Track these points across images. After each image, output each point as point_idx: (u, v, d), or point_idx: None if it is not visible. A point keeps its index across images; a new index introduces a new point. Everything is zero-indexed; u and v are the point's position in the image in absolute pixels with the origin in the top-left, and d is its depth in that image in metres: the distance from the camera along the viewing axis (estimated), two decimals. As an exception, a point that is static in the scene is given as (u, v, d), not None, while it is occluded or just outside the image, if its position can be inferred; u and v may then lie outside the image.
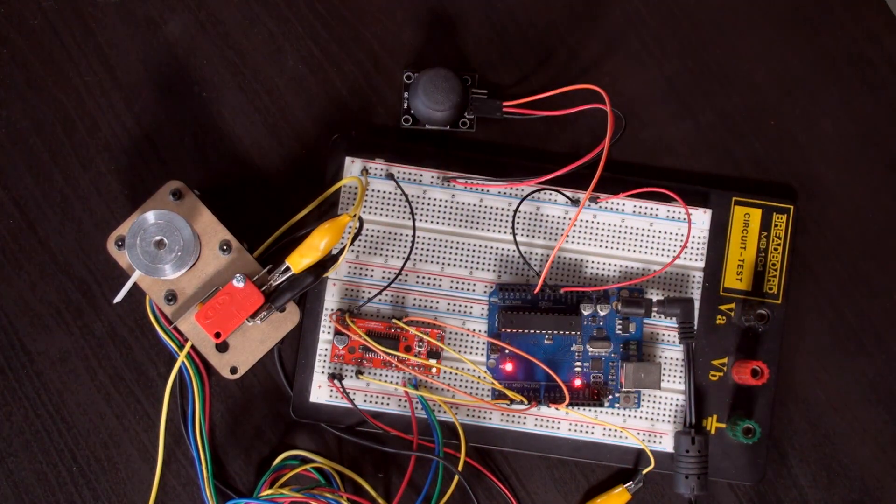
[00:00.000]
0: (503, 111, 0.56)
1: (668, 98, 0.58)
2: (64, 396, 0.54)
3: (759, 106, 0.58)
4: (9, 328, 0.55)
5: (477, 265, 0.55)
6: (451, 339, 0.55)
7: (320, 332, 0.54)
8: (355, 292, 0.55)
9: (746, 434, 0.54)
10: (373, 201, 0.55)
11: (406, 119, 0.56)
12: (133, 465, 0.55)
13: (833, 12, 0.59)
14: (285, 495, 0.50)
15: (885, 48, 0.59)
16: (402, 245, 0.55)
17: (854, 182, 0.58)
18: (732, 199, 0.56)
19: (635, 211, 0.56)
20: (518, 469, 0.56)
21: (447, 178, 0.55)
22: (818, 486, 0.57)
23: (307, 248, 0.52)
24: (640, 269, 0.56)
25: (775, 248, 0.57)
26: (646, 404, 0.55)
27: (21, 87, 0.55)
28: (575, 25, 0.58)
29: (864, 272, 0.58)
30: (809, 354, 0.57)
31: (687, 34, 0.58)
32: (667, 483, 0.56)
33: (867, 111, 0.59)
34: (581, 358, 0.55)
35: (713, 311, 0.56)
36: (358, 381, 0.54)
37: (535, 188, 0.55)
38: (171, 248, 0.52)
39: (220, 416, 0.55)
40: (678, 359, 0.56)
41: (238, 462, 0.55)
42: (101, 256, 0.54)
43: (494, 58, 0.58)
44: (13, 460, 0.54)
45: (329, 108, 0.57)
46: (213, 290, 0.53)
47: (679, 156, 0.58)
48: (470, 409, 0.55)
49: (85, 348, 0.55)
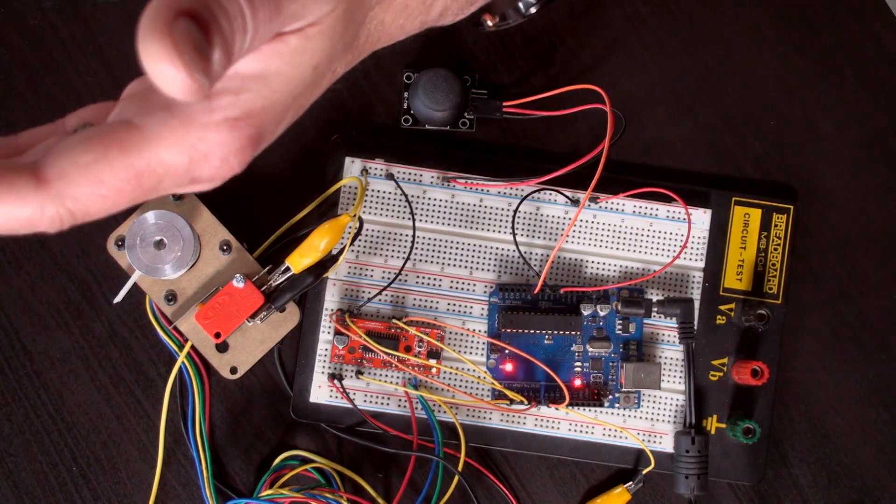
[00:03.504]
0: (503, 111, 0.56)
1: (668, 98, 0.58)
2: (64, 396, 0.54)
3: (759, 106, 0.58)
4: (9, 328, 0.55)
5: (477, 265, 0.55)
6: (451, 339, 0.55)
7: (320, 332, 0.54)
8: (355, 292, 0.55)
9: (746, 434, 0.54)
10: (373, 201, 0.55)
11: (406, 119, 0.56)
12: (133, 465, 0.55)
13: (833, 12, 0.59)
14: (285, 495, 0.50)
15: (885, 48, 0.59)
16: (402, 245, 0.55)
17: (854, 182, 0.58)
18: (732, 199, 0.57)
19: (635, 211, 0.56)
20: (518, 469, 0.56)
21: (447, 178, 0.55)
22: (818, 486, 0.57)
23: (307, 248, 0.52)
24: (640, 269, 0.56)
25: (775, 248, 0.57)
26: (646, 404, 0.55)
27: (21, 87, 0.55)
28: (575, 25, 0.58)
29: (864, 272, 0.58)
30: (809, 354, 0.57)
31: (687, 34, 0.58)
32: (667, 483, 0.56)
33: (867, 111, 0.59)
34: (581, 358, 0.55)
35: (713, 311, 0.56)
36: (358, 381, 0.54)
37: (535, 188, 0.55)
38: (171, 248, 0.52)
39: (220, 416, 0.55)
40: (678, 359, 0.56)
41: (238, 462, 0.55)
42: (101, 256, 0.54)
43: (494, 58, 0.57)
44: (13, 460, 0.54)
45: (329, 108, 0.57)
46: (213, 290, 0.53)
47: (679, 156, 0.58)
48: (470, 409, 0.55)
49: (85, 348, 0.55)
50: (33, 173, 0.27)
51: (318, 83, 0.33)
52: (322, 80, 0.33)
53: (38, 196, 0.27)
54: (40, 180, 0.27)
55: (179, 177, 0.29)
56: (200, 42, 0.25)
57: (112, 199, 0.28)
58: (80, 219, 0.28)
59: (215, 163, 0.29)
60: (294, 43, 0.30)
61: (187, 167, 0.29)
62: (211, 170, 0.29)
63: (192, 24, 0.25)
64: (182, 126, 0.28)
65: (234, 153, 0.30)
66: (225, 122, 0.29)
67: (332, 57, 0.32)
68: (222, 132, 0.29)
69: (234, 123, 0.29)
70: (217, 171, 0.30)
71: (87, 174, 0.27)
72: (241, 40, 0.27)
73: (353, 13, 0.32)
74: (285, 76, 0.30)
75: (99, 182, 0.27)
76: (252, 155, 0.31)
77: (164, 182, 0.29)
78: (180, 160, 0.29)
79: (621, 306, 0.54)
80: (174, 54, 0.24)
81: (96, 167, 0.27)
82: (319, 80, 0.33)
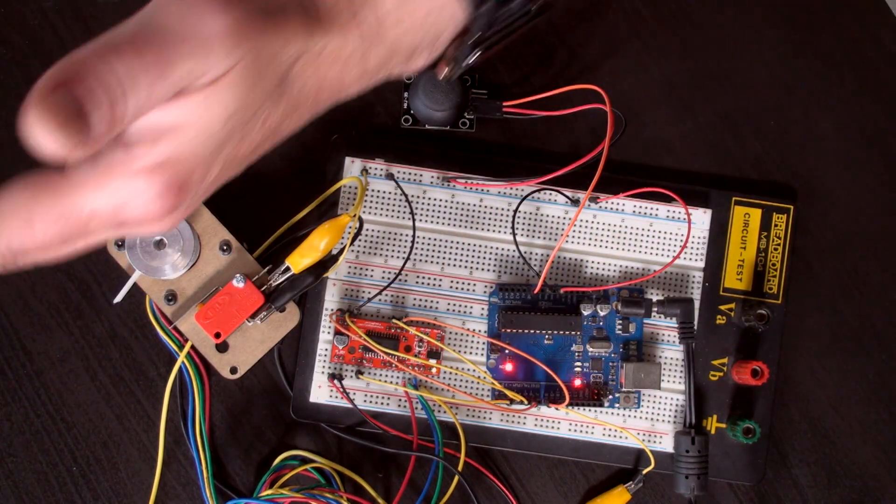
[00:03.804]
0: (503, 111, 0.56)
1: (668, 98, 0.58)
2: (64, 396, 0.54)
3: (759, 106, 0.58)
4: (9, 328, 0.55)
5: (477, 265, 0.55)
6: (451, 339, 0.55)
7: (320, 332, 0.54)
8: (355, 292, 0.55)
9: (746, 434, 0.54)
10: (373, 201, 0.55)
11: (406, 119, 0.56)
12: (133, 465, 0.55)
13: (833, 12, 0.59)
14: (285, 495, 0.50)
15: (885, 48, 0.59)
16: (402, 245, 0.55)
17: (854, 182, 0.58)
18: (732, 199, 0.56)
19: (635, 211, 0.56)
20: (518, 469, 0.56)
21: (447, 178, 0.55)
22: (818, 486, 0.57)
23: (307, 248, 0.52)
24: (640, 269, 0.56)
25: (775, 248, 0.57)
26: (646, 404, 0.55)
27: (21, 88, 0.55)
28: (575, 25, 0.58)
29: (864, 272, 0.58)
30: (809, 354, 0.57)
31: (687, 34, 0.58)
32: (667, 483, 0.56)
33: (867, 111, 0.59)
34: (581, 358, 0.55)
35: (713, 311, 0.56)
36: (358, 381, 0.54)
37: (535, 188, 0.55)
38: (171, 248, 0.52)
39: (220, 416, 0.55)
40: (678, 359, 0.56)
41: (238, 462, 0.55)
42: (101, 256, 0.54)
43: (494, 58, 0.57)
44: (13, 460, 0.54)
45: (329, 109, 0.57)
46: (213, 290, 0.53)
47: (679, 156, 0.58)
48: (470, 409, 0.55)
49: (85, 348, 0.55)
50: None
51: (245, 133, 0.35)
52: (249, 130, 0.35)
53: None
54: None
55: (105, 219, 0.32)
56: (72, 109, 0.28)
57: (43, 237, 0.31)
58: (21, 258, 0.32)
59: (137, 208, 0.32)
60: (198, 97, 0.32)
61: (111, 211, 0.32)
62: (135, 214, 0.32)
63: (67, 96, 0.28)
64: (103, 174, 0.32)
65: (154, 199, 0.32)
66: (142, 170, 0.32)
67: (248, 106, 0.34)
68: (140, 179, 0.32)
69: (151, 171, 0.32)
70: (142, 216, 0.33)
71: (18, 212, 0.31)
72: (124, 106, 0.29)
73: (265, 63, 0.33)
74: (196, 127, 0.32)
75: (28, 221, 0.31)
76: (177, 201, 0.33)
77: (92, 224, 0.32)
78: (103, 204, 0.32)
79: (621, 306, 0.54)
80: (44, 120, 0.28)
81: (26, 208, 0.31)
82: (243, 129, 0.34)
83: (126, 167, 0.32)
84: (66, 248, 0.33)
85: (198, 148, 0.33)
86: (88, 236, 0.33)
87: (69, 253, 0.34)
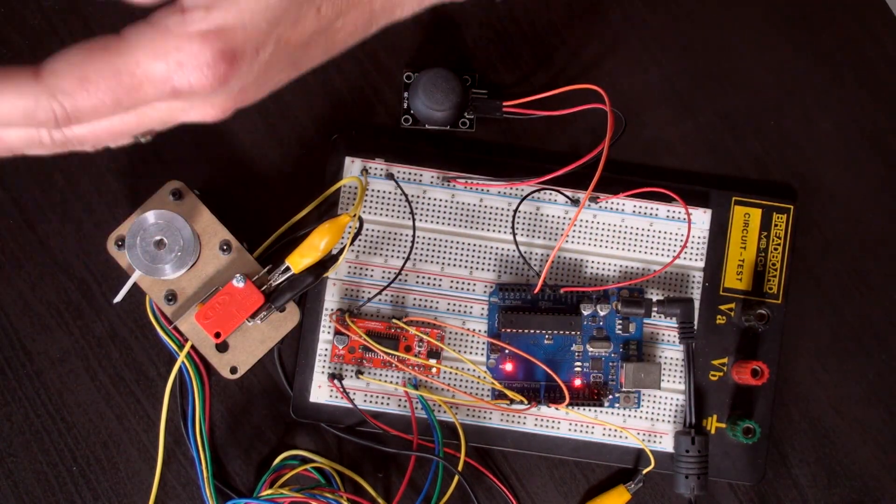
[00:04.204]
0: (503, 111, 0.56)
1: (668, 98, 0.58)
2: (64, 396, 0.54)
3: (759, 106, 0.58)
4: (9, 328, 0.55)
5: (477, 265, 0.55)
6: (451, 339, 0.55)
7: (320, 332, 0.54)
8: (355, 292, 0.55)
9: (746, 434, 0.54)
10: (373, 201, 0.55)
11: (406, 119, 0.56)
12: (133, 465, 0.55)
13: (833, 12, 0.59)
14: (285, 495, 0.50)
15: (885, 48, 0.59)
16: (402, 245, 0.55)
17: (854, 182, 0.58)
18: (732, 199, 0.57)
19: (635, 211, 0.56)
20: (518, 469, 0.56)
21: (447, 178, 0.55)
22: (818, 486, 0.57)
23: (307, 248, 0.52)
24: (640, 269, 0.56)
25: (775, 248, 0.57)
26: (646, 404, 0.55)
27: (21, 87, 0.55)
28: (575, 25, 0.58)
29: (864, 272, 0.58)
30: (809, 354, 0.57)
31: (687, 34, 0.58)
32: (667, 483, 0.56)
33: (867, 111, 0.59)
34: (581, 358, 0.55)
35: (713, 311, 0.56)
36: (358, 381, 0.54)
37: (535, 188, 0.55)
38: (171, 248, 0.52)
39: (220, 416, 0.55)
40: (678, 359, 0.56)
41: (238, 462, 0.55)
42: (101, 256, 0.54)
43: (494, 58, 0.58)
44: (13, 460, 0.54)
45: (329, 108, 0.57)
46: (213, 290, 0.53)
47: (679, 156, 0.58)
48: (470, 409, 0.55)
49: (85, 348, 0.55)
50: (33, 70, 0.32)
51: (300, 16, 0.35)
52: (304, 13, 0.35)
53: (34, 88, 0.32)
54: (37, 75, 0.32)
55: (159, 84, 0.32)
56: None
57: (97, 97, 0.32)
58: (74, 118, 0.32)
59: (191, 73, 0.32)
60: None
61: (164, 74, 0.32)
62: (188, 80, 0.32)
63: None
64: (159, 35, 0.32)
65: (208, 65, 0.32)
66: (196, 34, 0.32)
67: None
68: (194, 43, 0.32)
69: (205, 36, 0.32)
70: (194, 84, 0.33)
71: (73, 70, 0.32)
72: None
73: None
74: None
75: (84, 78, 0.32)
76: (229, 72, 0.33)
77: (146, 87, 0.32)
78: (157, 66, 0.32)
79: (621, 306, 0.54)
80: None
81: (82, 65, 0.32)
82: (298, 10, 0.34)
83: (180, 30, 0.32)
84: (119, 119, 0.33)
85: (252, 18, 0.33)
86: (141, 104, 0.33)
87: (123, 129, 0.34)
